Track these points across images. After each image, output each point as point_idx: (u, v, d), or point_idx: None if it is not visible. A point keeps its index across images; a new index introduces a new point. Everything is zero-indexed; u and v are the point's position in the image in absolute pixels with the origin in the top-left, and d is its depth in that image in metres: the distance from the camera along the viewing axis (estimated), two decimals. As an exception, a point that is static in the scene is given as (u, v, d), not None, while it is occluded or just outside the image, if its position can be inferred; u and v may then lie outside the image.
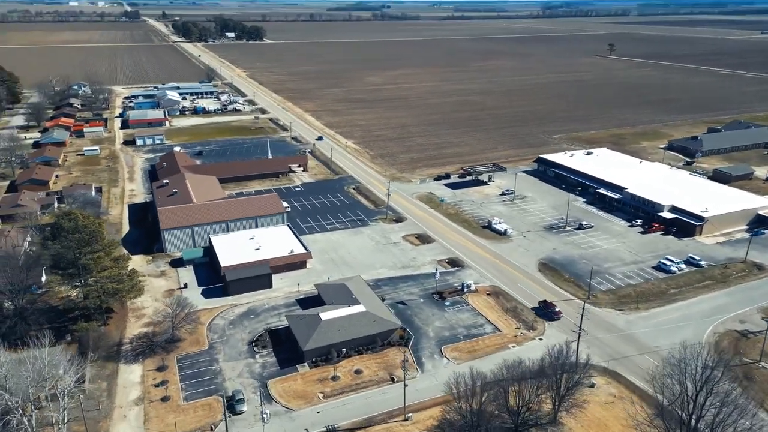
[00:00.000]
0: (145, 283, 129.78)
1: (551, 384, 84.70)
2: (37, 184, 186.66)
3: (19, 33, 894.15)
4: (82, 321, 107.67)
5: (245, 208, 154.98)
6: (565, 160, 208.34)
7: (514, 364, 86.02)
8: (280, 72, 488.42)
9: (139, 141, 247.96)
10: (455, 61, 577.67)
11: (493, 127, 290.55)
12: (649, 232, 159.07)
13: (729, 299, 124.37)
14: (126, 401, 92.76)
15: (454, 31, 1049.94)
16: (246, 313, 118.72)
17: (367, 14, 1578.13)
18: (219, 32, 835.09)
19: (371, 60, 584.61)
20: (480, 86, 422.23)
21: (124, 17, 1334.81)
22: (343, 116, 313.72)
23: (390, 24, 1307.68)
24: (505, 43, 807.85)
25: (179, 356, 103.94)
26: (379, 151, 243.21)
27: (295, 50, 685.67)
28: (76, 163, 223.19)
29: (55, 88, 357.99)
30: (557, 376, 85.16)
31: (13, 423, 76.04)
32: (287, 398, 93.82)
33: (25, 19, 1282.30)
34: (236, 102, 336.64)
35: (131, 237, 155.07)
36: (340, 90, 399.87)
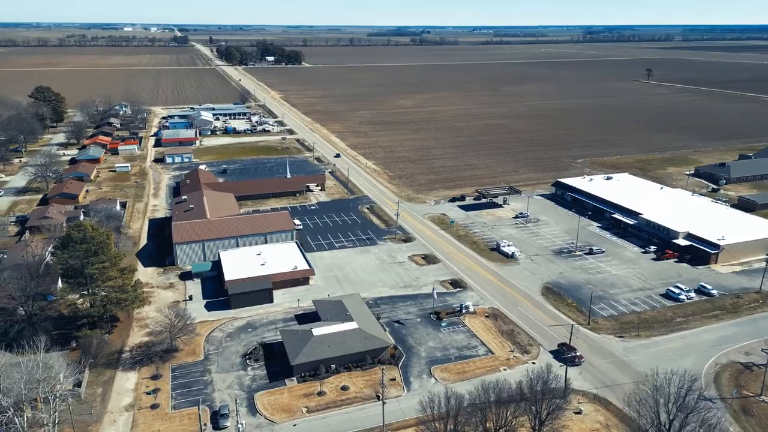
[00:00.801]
0: (153, 294, 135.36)
1: (529, 408, 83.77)
2: (67, 198, 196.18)
3: (74, 56, 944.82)
4: (87, 328, 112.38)
5: (255, 225, 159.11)
6: (582, 185, 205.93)
7: (492, 386, 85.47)
8: (313, 95, 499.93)
9: (168, 159, 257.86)
10: (488, 85, 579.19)
11: (516, 151, 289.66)
12: (662, 259, 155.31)
13: (737, 330, 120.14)
14: (118, 407, 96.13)
15: (490, 56, 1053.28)
16: (244, 326, 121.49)
17: (405, 39, 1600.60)
18: (260, 56, 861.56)
19: (404, 84, 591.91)
20: (510, 110, 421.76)
21: (173, 42, 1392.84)
22: (368, 138, 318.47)
23: (428, 49, 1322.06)
24: (540, 67, 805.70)
25: (174, 366, 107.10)
26: (398, 172, 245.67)
27: (331, 74, 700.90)
28: (107, 178, 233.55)
29: (97, 108, 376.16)
30: (537, 400, 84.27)
31: (3, 422, 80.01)
32: (271, 411, 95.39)
33: (81, 43, 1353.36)
34: (266, 123, 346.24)
35: (147, 250, 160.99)
36: (368, 112, 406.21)
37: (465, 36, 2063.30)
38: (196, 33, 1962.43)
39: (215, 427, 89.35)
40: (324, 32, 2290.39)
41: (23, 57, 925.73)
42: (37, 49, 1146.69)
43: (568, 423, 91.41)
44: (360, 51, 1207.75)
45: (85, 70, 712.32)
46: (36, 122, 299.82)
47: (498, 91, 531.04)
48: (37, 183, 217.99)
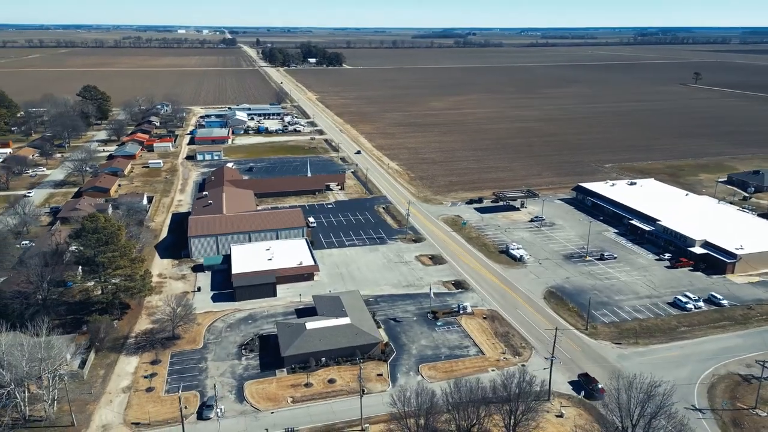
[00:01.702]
0: (165, 284, 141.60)
1: (501, 408, 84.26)
2: (99, 191, 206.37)
3: (127, 58, 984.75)
4: (97, 314, 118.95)
5: (268, 221, 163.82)
6: (603, 190, 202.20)
7: (465, 385, 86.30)
8: (348, 96, 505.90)
9: (199, 156, 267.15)
10: (526, 88, 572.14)
11: (544, 154, 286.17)
12: (676, 267, 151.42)
13: (741, 341, 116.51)
14: (116, 388, 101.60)
15: (534, 58, 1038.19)
16: (245, 318, 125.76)
17: (449, 41, 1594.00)
18: (302, 58, 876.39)
19: (439, 86, 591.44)
20: (544, 113, 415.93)
21: (222, 44, 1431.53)
22: (395, 139, 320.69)
23: (471, 51, 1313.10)
24: (583, 70, 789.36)
25: (174, 352, 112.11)
26: (420, 174, 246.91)
27: (369, 76, 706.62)
28: (139, 174, 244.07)
29: (140, 106, 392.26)
30: (512, 401, 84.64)
31: (3, 396, 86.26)
32: (257, 399, 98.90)
33: (135, 45, 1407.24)
34: (297, 123, 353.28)
35: (166, 242, 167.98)
36: (400, 114, 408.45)
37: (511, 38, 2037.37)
38: (246, 35, 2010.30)
39: (199, 417, 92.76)
40: (370, 34, 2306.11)
41: (80, 57, 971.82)
42: (94, 50, 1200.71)
43: (547, 426, 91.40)
44: (402, 53, 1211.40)
45: (135, 70, 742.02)
46: (80, 120, 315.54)
47: (534, 94, 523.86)
48: (74, 177, 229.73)
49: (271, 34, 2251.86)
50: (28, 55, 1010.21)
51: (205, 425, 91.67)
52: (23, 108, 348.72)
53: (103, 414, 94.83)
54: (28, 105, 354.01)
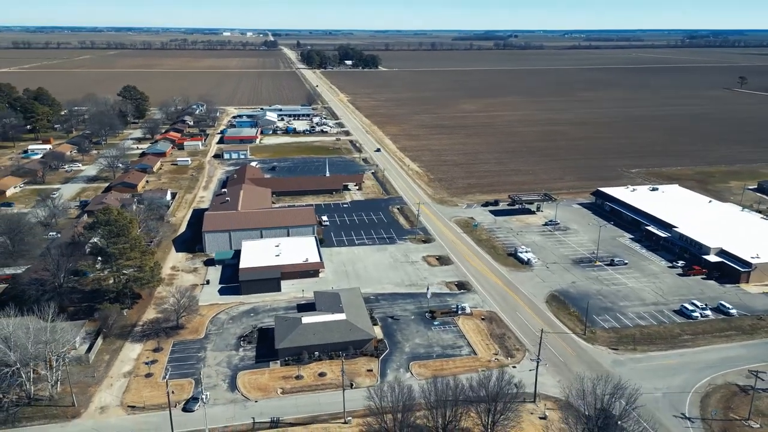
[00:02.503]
0: (177, 277, 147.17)
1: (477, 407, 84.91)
2: (127, 187, 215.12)
3: (172, 59, 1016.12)
4: (108, 302, 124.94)
5: (279, 219, 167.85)
6: (622, 195, 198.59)
7: (442, 384, 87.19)
8: (379, 98, 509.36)
9: (225, 155, 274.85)
10: (561, 91, 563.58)
11: (569, 158, 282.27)
12: (688, 274, 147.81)
13: (745, 351, 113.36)
14: (118, 373, 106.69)
15: (574, 61, 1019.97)
16: (248, 311, 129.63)
17: (488, 44, 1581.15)
18: (338, 60, 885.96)
19: (472, 88, 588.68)
20: (576, 116, 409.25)
21: (263, 46, 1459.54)
22: (420, 141, 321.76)
23: (510, 53, 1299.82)
24: (624, 73, 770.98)
25: (176, 341, 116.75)
26: (440, 175, 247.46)
27: (403, 78, 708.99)
28: (168, 171, 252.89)
29: (177, 106, 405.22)
30: (489, 401, 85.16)
31: (8, 374, 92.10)
32: (249, 389, 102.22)
33: (181, 47, 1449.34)
34: (325, 124, 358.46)
35: (184, 237, 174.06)
36: (428, 116, 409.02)
37: (554, 40, 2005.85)
38: (288, 37, 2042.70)
39: (184, 410, 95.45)
40: (410, 36, 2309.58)
41: (128, 59, 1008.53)
42: (142, 52, 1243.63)
43: (529, 428, 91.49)
44: (440, 55, 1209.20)
45: (177, 72, 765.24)
46: (117, 118, 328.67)
47: (569, 97, 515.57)
48: (106, 173, 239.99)
49: (313, 36, 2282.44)
50: (79, 56, 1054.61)
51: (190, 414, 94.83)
52: (66, 107, 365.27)
53: (102, 396, 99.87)
54: (71, 104, 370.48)
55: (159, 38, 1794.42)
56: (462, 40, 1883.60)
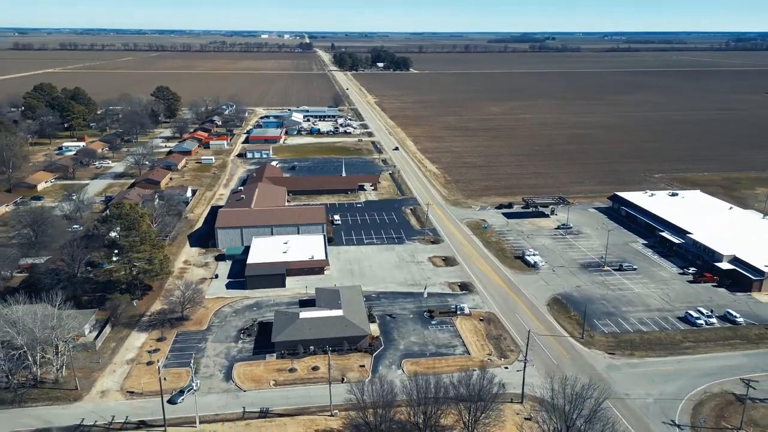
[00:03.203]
0: (188, 270, 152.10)
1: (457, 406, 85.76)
2: (150, 183, 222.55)
3: (209, 61, 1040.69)
4: (118, 293, 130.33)
5: (290, 217, 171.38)
6: (639, 200, 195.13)
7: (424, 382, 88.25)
8: (407, 100, 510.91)
9: (249, 154, 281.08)
10: (593, 94, 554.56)
11: (592, 162, 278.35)
12: (698, 281, 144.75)
13: (747, 361, 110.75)
14: (121, 360, 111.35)
15: (611, 64, 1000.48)
16: (252, 305, 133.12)
17: (524, 46, 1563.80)
18: (370, 62, 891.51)
19: (501, 90, 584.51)
20: (605, 120, 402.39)
21: (298, 48, 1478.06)
22: (442, 142, 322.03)
23: (545, 56, 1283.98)
24: (661, 76, 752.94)
25: (179, 332, 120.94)
26: (457, 177, 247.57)
27: (433, 80, 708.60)
28: (192, 169, 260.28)
29: (207, 106, 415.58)
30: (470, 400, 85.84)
31: (16, 356, 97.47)
32: (243, 380, 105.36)
33: (219, 49, 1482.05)
34: (349, 125, 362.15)
35: (199, 232, 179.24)
36: (454, 118, 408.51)
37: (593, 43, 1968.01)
38: (324, 39, 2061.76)
39: (169, 402, 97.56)
40: (445, 39, 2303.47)
41: (167, 61, 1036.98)
42: (181, 54, 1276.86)
43: (513, 427, 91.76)
44: (473, 58, 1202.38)
45: (213, 73, 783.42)
46: (147, 118, 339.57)
47: (599, 101, 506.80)
48: (132, 170, 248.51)
49: (349, 38, 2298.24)
50: (121, 58, 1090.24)
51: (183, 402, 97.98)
52: (102, 106, 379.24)
53: (104, 381, 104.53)
54: (107, 103, 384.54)
55: (199, 40, 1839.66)
56: (497, 42, 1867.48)
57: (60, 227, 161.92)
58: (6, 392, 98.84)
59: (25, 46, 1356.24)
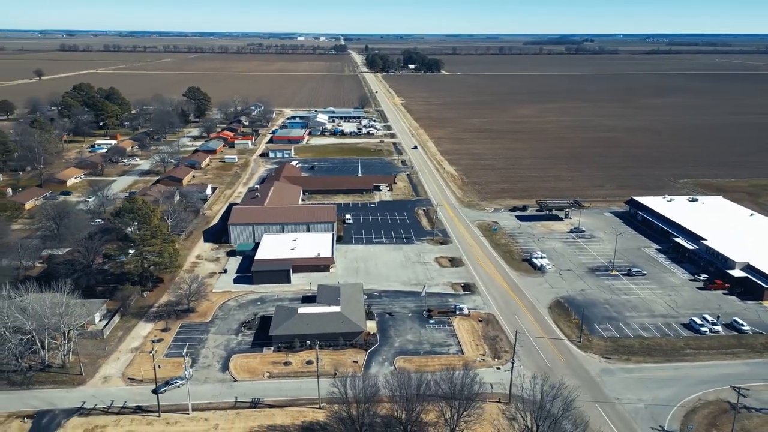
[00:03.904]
0: (199, 264, 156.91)
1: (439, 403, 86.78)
2: (173, 180, 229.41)
3: (244, 62, 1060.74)
4: (129, 284, 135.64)
5: (301, 215, 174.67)
6: (656, 205, 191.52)
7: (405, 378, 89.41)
8: (434, 102, 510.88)
9: (271, 154, 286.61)
10: (626, 97, 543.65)
11: (616, 165, 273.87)
12: (709, 288, 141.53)
13: (748, 370, 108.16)
14: (126, 348, 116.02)
15: (649, 66, 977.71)
16: (256, 300, 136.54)
17: (559, 48, 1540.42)
18: (402, 64, 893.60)
19: (531, 93, 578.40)
20: (634, 123, 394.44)
21: (332, 50, 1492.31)
22: (463, 144, 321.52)
23: (581, 58, 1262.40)
24: (700, 79, 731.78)
25: (184, 323, 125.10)
26: (474, 179, 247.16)
27: (463, 82, 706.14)
28: (215, 167, 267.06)
29: (236, 107, 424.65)
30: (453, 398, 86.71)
31: (26, 340, 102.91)
32: (238, 371, 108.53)
33: (255, 51, 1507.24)
34: (372, 126, 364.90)
35: (214, 228, 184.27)
36: (480, 120, 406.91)
37: (634, 45, 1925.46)
38: (359, 41, 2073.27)
39: (153, 392, 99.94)
40: (481, 41, 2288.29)
41: (205, 62, 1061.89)
42: (218, 56, 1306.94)
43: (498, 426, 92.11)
44: (507, 60, 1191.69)
45: (246, 74, 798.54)
46: (177, 117, 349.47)
47: (632, 104, 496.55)
48: (158, 167, 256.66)
49: (384, 41, 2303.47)
50: (161, 59, 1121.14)
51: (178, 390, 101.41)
52: (135, 106, 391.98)
53: (108, 368, 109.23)
54: (140, 103, 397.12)
55: (237, 42, 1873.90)
56: (533, 44, 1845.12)
57: (81, 221, 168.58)
58: (16, 374, 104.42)
59: (71, 47, 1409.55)
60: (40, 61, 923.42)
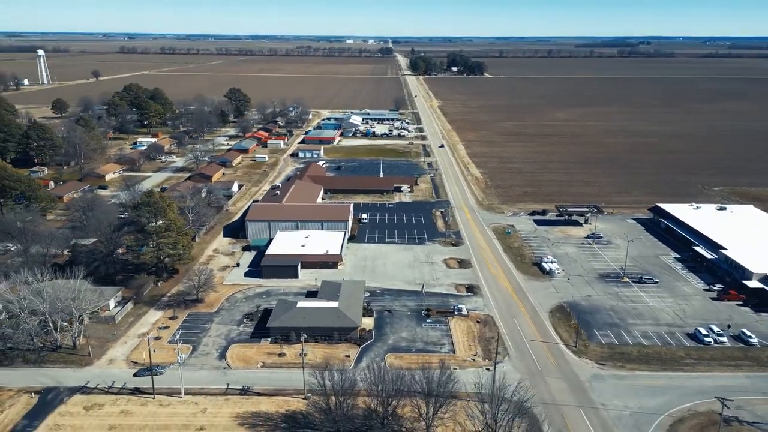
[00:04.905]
0: (215, 258, 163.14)
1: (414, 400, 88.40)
2: (202, 177, 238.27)
3: (292, 65, 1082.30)
4: (145, 274, 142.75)
5: (315, 213, 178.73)
6: (681, 212, 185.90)
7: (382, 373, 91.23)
8: (471, 104, 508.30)
9: (300, 154, 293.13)
10: (673, 101, 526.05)
11: (649, 172, 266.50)
12: (722, 299, 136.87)
13: (749, 383, 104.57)
14: (134, 333, 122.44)
15: (705, 70, 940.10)
16: (263, 293, 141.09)
17: (611, 51, 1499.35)
18: (445, 67, 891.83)
19: (573, 96, 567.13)
20: (679, 129, 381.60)
21: (378, 53, 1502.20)
22: (494, 147, 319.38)
23: (634, 61, 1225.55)
24: (757, 84, 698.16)
25: (191, 312, 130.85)
26: (498, 182, 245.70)
27: (506, 85, 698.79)
28: (245, 165, 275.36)
29: (275, 108, 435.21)
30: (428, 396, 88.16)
31: (40, 321, 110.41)
32: (234, 360, 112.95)
33: (303, 53, 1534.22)
34: (404, 128, 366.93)
35: (234, 224, 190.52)
36: (514, 123, 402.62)
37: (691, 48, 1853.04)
38: (406, 44, 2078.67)
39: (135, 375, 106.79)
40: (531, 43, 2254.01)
41: (254, 64, 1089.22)
42: (267, 58, 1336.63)
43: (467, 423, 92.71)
44: (555, 63, 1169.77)
45: (292, 77, 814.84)
46: (214, 117, 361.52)
47: (679, 109, 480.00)
48: (191, 164, 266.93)
49: (431, 43, 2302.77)
50: (212, 62, 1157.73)
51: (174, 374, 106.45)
52: (179, 106, 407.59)
53: (115, 351, 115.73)
54: (184, 103, 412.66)
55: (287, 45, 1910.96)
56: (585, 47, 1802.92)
57: (109, 213, 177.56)
58: (31, 353, 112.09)
59: (129, 49, 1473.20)
60: (99, 62, 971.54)
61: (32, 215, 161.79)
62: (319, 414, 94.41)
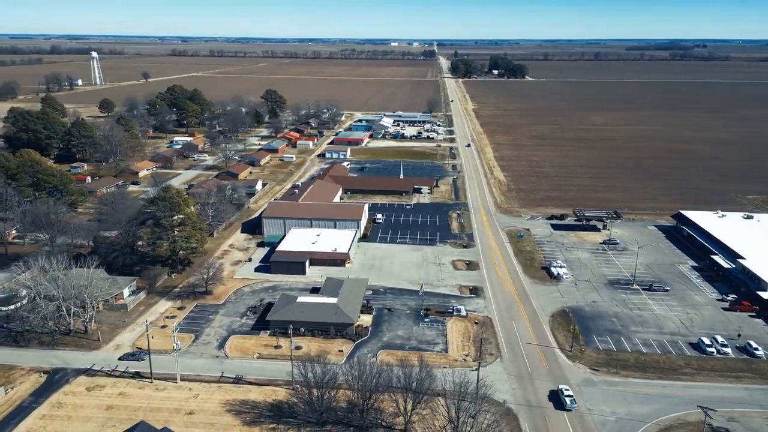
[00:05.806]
0: (229, 252, 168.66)
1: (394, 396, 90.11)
2: (229, 175, 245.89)
3: (333, 67, 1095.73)
4: (161, 265, 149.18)
5: (329, 212, 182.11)
6: (703, 220, 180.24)
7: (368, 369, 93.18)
8: (506, 108, 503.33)
9: (327, 154, 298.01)
10: (720, 107, 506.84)
11: (678, 178, 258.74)
12: (734, 310, 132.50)
13: (746, 395, 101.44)
14: (142, 321, 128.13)
15: (761, 75, 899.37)
16: (269, 287, 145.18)
17: (663, 54, 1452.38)
18: (486, 70, 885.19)
19: (612, 100, 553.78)
20: (719, 135, 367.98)
21: (421, 56, 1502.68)
22: (522, 151, 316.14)
23: (686, 64, 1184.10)
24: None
25: (198, 303, 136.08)
26: (521, 186, 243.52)
27: (545, 88, 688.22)
28: (273, 165, 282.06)
29: (310, 109, 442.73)
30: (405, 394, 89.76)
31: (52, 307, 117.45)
32: (231, 350, 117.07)
33: (346, 56, 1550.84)
34: (434, 131, 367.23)
35: (253, 221, 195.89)
36: (547, 127, 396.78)
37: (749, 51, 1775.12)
38: (451, 47, 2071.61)
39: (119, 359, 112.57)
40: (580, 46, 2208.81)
41: (297, 67, 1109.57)
42: (311, 61, 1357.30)
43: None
44: (602, 66, 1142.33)
45: (333, 79, 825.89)
46: (248, 117, 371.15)
47: (724, 114, 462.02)
48: (221, 163, 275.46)
49: (477, 46, 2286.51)
50: (257, 64, 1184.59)
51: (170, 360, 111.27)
52: (217, 107, 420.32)
53: (122, 337, 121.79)
54: (222, 104, 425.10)
55: (332, 48, 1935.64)
56: (636, 50, 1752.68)
57: (132, 207, 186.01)
58: (45, 336, 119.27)
59: (180, 52, 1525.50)
60: (151, 64, 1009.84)
61: (61, 208, 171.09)
62: (303, 405, 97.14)
